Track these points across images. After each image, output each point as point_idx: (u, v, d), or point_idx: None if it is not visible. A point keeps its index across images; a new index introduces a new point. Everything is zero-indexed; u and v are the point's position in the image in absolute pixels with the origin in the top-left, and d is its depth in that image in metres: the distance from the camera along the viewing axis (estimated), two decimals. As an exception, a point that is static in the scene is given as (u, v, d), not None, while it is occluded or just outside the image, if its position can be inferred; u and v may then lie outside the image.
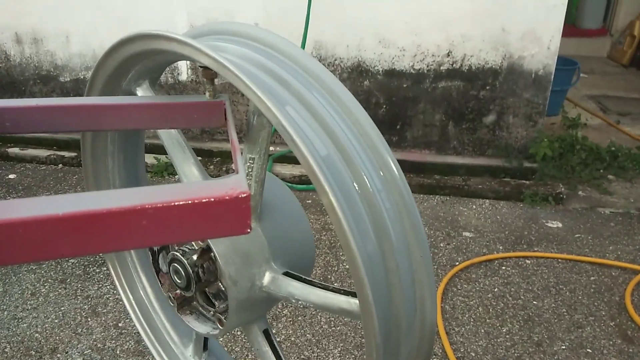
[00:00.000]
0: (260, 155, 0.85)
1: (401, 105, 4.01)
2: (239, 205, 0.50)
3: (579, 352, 2.40)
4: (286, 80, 0.76)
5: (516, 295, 2.77)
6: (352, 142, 0.74)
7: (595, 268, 3.00)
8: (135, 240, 0.49)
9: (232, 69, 0.66)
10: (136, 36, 0.79)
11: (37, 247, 0.45)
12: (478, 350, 2.42)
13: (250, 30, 0.85)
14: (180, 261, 0.87)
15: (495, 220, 3.50)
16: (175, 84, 4.28)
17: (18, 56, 4.47)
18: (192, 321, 0.96)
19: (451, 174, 3.96)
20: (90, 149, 1.07)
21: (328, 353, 2.40)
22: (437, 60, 3.83)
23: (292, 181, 3.93)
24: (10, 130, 0.72)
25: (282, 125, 0.64)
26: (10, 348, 2.42)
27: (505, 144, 4.01)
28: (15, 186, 3.96)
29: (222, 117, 0.82)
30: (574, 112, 4.73)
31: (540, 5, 3.56)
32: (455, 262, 3.03)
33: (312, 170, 0.63)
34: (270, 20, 3.86)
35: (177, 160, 0.94)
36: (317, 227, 3.36)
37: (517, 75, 3.79)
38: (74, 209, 0.45)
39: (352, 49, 3.90)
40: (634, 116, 5.00)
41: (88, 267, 3.00)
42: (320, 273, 2.93)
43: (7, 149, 4.42)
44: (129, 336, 2.49)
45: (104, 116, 0.77)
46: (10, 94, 4.62)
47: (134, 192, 0.50)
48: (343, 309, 0.78)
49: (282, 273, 0.87)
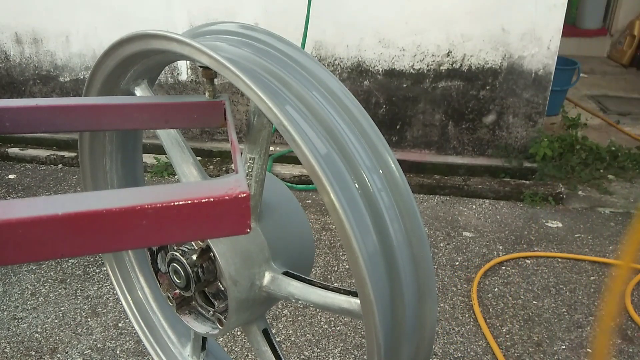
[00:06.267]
0: (260, 155, 0.85)
1: (401, 105, 4.01)
2: (238, 205, 0.50)
3: (579, 352, 2.40)
4: (286, 80, 0.76)
5: (516, 295, 2.77)
6: (352, 141, 0.74)
7: (595, 268, 3.00)
8: (135, 240, 0.49)
9: (233, 68, 0.66)
10: (135, 36, 0.79)
11: (37, 247, 0.45)
12: (478, 350, 2.42)
13: (250, 30, 0.85)
14: (179, 261, 0.87)
15: (495, 220, 3.50)
16: (175, 84, 4.28)
17: (18, 56, 4.47)
18: (191, 321, 0.96)
19: (451, 174, 3.96)
20: (88, 149, 1.07)
21: (328, 353, 2.40)
22: (437, 60, 3.83)
23: (292, 181, 3.93)
24: (10, 130, 0.72)
25: (283, 125, 0.64)
26: (10, 348, 2.42)
27: (505, 144, 4.01)
28: (15, 186, 3.96)
29: (221, 117, 0.82)
30: (574, 112, 4.73)
31: (540, 5, 3.56)
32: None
33: (313, 170, 0.63)
34: (270, 20, 3.86)
35: (176, 160, 0.94)
36: (317, 227, 3.36)
37: (517, 75, 3.79)
38: (74, 209, 0.45)
39: (352, 48, 3.90)
40: (634, 116, 5.00)
41: (88, 267, 3.00)
42: (320, 273, 2.93)
43: (7, 149, 4.42)
44: (129, 336, 2.49)
45: (104, 116, 0.77)
46: (10, 94, 4.62)
47: (133, 192, 0.50)
48: (344, 308, 0.78)
49: (281, 273, 0.87)
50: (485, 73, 3.81)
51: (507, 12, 3.61)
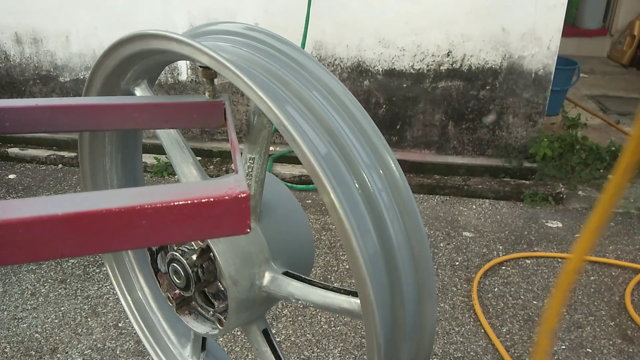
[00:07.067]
0: (260, 155, 0.85)
1: (401, 105, 4.01)
2: (238, 205, 0.50)
3: (579, 352, 2.40)
4: (286, 80, 0.76)
5: (516, 295, 2.77)
6: (352, 141, 0.74)
7: (595, 268, 3.00)
8: (135, 240, 0.49)
9: (233, 68, 0.66)
10: (135, 36, 0.79)
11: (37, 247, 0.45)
12: (478, 350, 2.42)
13: (250, 30, 0.85)
14: (179, 261, 0.87)
15: (495, 220, 3.50)
16: (175, 84, 4.28)
17: (18, 56, 4.47)
18: (191, 321, 0.96)
19: (451, 174, 3.96)
20: (88, 149, 1.07)
21: (328, 353, 2.40)
22: (437, 60, 3.83)
23: (292, 181, 3.93)
24: (10, 130, 0.72)
25: (283, 125, 0.64)
26: (10, 348, 2.42)
27: (505, 144, 4.01)
28: (15, 186, 3.96)
29: (221, 117, 0.82)
30: (574, 112, 4.72)
31: (540, 5, 3.56)
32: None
33: (313, 170, 0.63)
34: (270, 20, 3.86)
35: (176, 160, 0.94)
36: (316, 227, 3.36)
37: (517, 75, 3.79)
38: (74, 209, 0.45)
39: (352, 48, 3.89)
40: (634, 116, 5.00)
41: (88, 267, 3.00)
42: (320, 273, 2.93)
43: (7, 149, 4.42)
44: (129, 336, 2.49)
45: (104, 116, 0.77)
46: (10, 94, 4.62)
47: (133, 192, 0.50)
48: (344, 308, 0.78)
49: (281, 273, 0.87)
50: (485, 73, 3.81)
51: (507, 12, 3.61)
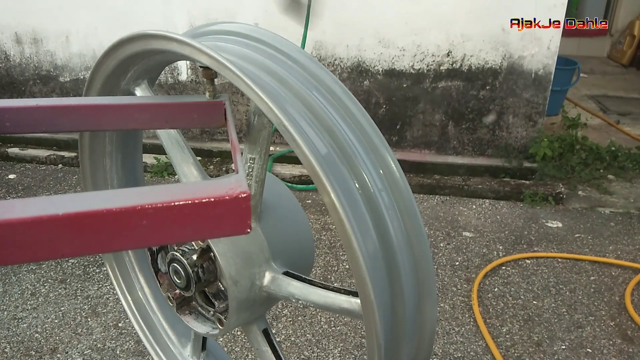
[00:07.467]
0: (260, 155, 0.85)
1: (401, 105, 4.01)
2: (239, 205, 0.50)
3: (579, 352, 2.40)
4: (286, 80, 0.76)
5: (516, 295, 2.77)
6: (352, 141, 0.74)
7: (595, 268, 3.00)
8: (135, 240, 0.49)
9: (233, 68, 0.66)
10: (136, 36, 0.79)
11: (37, 247, 0.45)
12: (478, 350, 2.42)
13: (250, 30, 0.85)
14: (179, 261, 0.87)
15: (495, 220, 3.50)
16: (175, 84, 4.28)
17: (18, 56, 4.47)
18: (191, 321, 0.96)
19: (451, 174, 3.96)
20: (88, 149, 1.07)
21: (328, 353, 2.40)
22: (437, 60, 3.83)
23: (292, 181, 3.92)
24: (10, 130, 0.72)
25: (283, 125, 0.64)
26: (10, 348, 2.42)
27: (505, 144, 4.01)
28: (15, 186, 3.96)
29: (222, 117, 0.82)
30: (574, 112, 4.73)
31: (540, 5, 3.56)
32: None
33: (313, 170, 0.63)
34: (270, 20, 3.86)
35: (176, 160, 0.94)
36: (317, 227, 3.36)
37: (517, 75, 3.79)
38: (74, 209, 0.45)
39: (352, 49, 3.90)
40: (634, 116, 5.00)
41: (88, 267, 3.00)
42: (320, 273, 2.93)
43: (7, 149, 4.42)
44: (129, 336, 2.49)
45: (104, 116, 0.77)
46: (10, 94, 4.62)
47: (134, 192, 0.50)
48: (344, 308, 0.78)
49: (282, 273, 0.87)
50: (485, 73, 3.81)
51: (507, 12, 3.61)
